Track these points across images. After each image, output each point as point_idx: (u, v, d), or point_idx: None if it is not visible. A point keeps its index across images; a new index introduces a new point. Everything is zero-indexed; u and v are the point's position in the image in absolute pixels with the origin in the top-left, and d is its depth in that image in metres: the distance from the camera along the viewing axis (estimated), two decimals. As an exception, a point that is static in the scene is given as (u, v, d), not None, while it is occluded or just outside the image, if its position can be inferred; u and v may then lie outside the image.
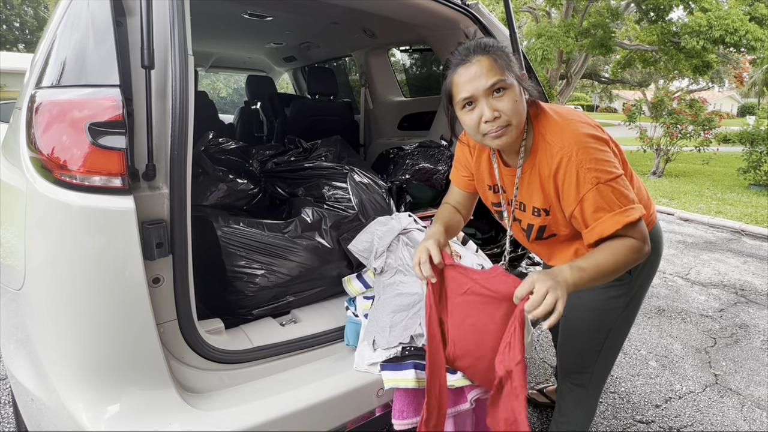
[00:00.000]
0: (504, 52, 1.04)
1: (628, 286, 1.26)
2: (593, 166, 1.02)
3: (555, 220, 1.16)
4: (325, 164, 1.79)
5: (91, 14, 0.95)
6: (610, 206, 1.02)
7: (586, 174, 1.02)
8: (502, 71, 1.01)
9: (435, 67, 3.54)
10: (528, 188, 1.16)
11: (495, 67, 1.01)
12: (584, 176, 1.02)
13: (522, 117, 1.05)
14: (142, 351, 0.97)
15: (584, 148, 1.03)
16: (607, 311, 1.28)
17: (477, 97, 1.02)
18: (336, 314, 1.46)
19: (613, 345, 1.35)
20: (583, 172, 1.02)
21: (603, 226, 1.03)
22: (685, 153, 9.69)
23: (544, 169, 1.09)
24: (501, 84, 1.01)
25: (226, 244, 1.40)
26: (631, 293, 1.27)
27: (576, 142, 1.04)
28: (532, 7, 14.98)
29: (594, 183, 1.02)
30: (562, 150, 1.04)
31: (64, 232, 0.90)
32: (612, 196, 1.02)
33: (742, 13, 9.70)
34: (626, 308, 1.29)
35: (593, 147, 1.04)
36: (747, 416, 2.05)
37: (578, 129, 1.06)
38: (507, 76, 1.02)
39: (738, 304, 3.28)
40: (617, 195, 1.02)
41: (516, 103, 1.03)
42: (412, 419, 1.17)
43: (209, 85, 19.00)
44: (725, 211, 6.08)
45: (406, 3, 1.87)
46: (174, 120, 0.99)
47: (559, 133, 1.06)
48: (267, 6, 2.48)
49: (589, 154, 1.03)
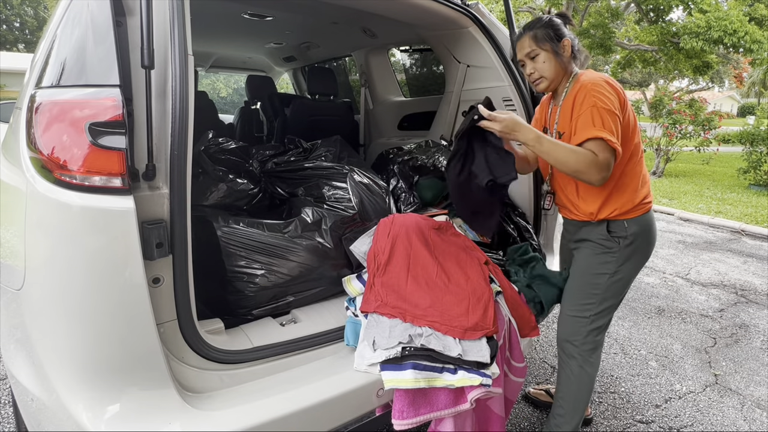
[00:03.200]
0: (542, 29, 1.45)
1: (617, 254, 1.49)
2: (596, 95, 1.34)
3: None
4: (325, 164, 1.79)
5: (91, 14, 0.95)
6: (593, 123, 1.31)
7: (589, 98, 1.34)
8: (535, 43, 1.45)
9: (435, 67, 3.54)
10: (562, 118, 1.49)
11: (530, 41, 1.46)
12: (587, 99, 1.35)
13: (552, 72, 1.46)
14: (142, 351, 0.97)
15: (597, 83, 1.36)
16: (596, 275, 1.52)
17: (523, 60, 1.50)
18: (336, 314, 1.46)
19: (600, 315, 1.54)
20: (589, 97, 1.35)
21: (581, 133, 1.33)
22: (685, 153, 9.70)
23: (569, 100, 1.44)
24: (533, 52, 1.46)
25: (226, 244, 1.40)
26: (619, 262, 1.49)
27: (594, 81, 1.38)
28: (532, 7, 14.97)
29: (591, 105, 1.33)
30: (584, 85, 1.39)
31: (64, 232, 0.90)
32: (599, 117, 1.31)
33: (741, 14, 9.69)
34: (613, 275, 1.50)
35: (603, 86, 1.36)
36: (747, 416, 2.05)
37: (600, 76, 1.41)
38: (539, 47, 1.45)
39: (738, 304, 3.28)
40: (603, 119, 1.31)
41: (544, 63, 1.46)
42: (412, 419, 1.17)
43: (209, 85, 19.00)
44: (725, 211, 6.08)
45: (406, 3, 1.87)
46: (174, 120, 0.99)
47: (588, 76, 1.42)
48: (267, 6, 2.48)
49: (598, 89, 1.35)
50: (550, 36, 1.45)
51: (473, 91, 2.31)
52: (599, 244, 1.50)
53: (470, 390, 1.21)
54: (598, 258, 1.50)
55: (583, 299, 1.53)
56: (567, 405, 1.60)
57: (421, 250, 1.47)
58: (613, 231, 1.47)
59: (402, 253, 1.45)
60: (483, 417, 1.41)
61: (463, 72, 2.32)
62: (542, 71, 1.47)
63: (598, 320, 1.53)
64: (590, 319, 1.53)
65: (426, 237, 1.53)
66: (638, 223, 1.47)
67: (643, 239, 1.49)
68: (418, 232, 1.52)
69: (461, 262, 1.49)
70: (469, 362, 1.23)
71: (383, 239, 1.48)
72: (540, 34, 1.45)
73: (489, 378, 1.23)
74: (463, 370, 1.22)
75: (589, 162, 1.29)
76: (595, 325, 1.54)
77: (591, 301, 1.52)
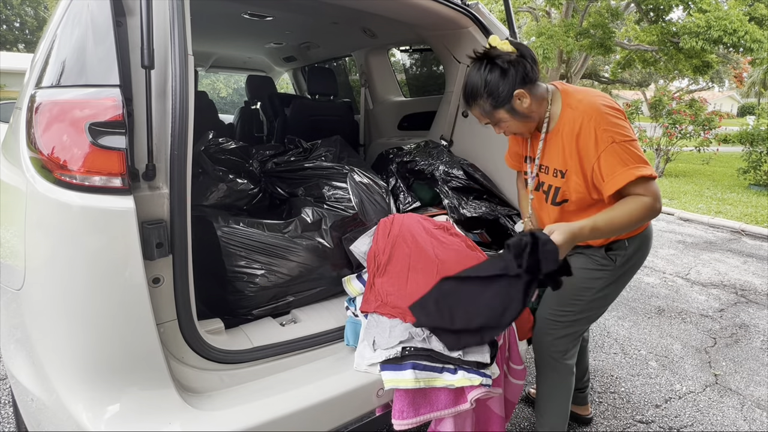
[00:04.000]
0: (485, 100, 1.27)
1: (610, 273, 1.40)
2: (609, 128, 1.19)
3: (568, 183, 1.31)
4: (325, 164, 1.79)
5: (91, 14, 0.95)
6: (624, 162, 1.17)
7: (603, 134, 1.19)
8: (486, 116, 1.31)
9: (435, 67, 3.54)
10: (550, 151, 1.34)
11: (481, 116, 1.33)
12: (601, 136, 1.19)
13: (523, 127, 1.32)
14: (142, 351, 0.97)
15: (602, 113, 1.20)
16: (583, 288, 1.42)
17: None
18: (336, 314, 1.46)
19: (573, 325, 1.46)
20: (601, 132, 1.19)
21: (618, 178, 1.18)
22: (685, 153, 9.70)
23: (566, 132, 1.26)
24: (493, 122, 1.33)
25: (226, 244, 1.40)
26: (609, 281, 1.41)
27: (595, 110, 1.21)
28: (532, 7, 14.98)
29: (609, 142, 1.18)
30: (584, 114, 1.22)
31: (65, 232, 0.90)
32: (626, 154, 1.17)
33: (741, 14, 9.69)
34: (599, 292, 1.41)
35: (610, 114, 1.21)
36: (747, 416, 2.05)
37: (598, 101, 1.24)
38: (492, 116, 1.30)
39: (738, 304, 3.28)
40: (630, 154, 1.18)
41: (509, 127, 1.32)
42: (412, 419, 1.17)
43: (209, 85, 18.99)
44: (725, 211, 6.08)
45: (406, 3, 1.87)
46: (174, 120, 0.99)
47: (583, 102, 1.25)
48: (267, 6, 2.48)
49: (606, 119, 1.20)
50: (498, 103, 1.26)
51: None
52: (593, 260, 1.40)
53: (470, 390, 1.21)
54: (589, 273, 1.40)
55: (562, 306, 1.45)
56: (542, 403, 1.58)
57: (421, 250, 1.47)
58: (612, 249, 1.38)
59: (402, 253, 1.45)
60: (483, 417, 1.40)
61: (463, 72, 2.31)
62: (512, 131, 1.35)
63: (571, 328, 1.47)
64: (564, 325, 1.46)
65: (426, 237, 1.53)
66: (638, 239, 1.39)
67: (640, 255, 1.42)
68: (418, 232, 1.52)
69: (461, 262, 1.49)
70: (469, 362, 1.23)
71: (383, 239, 1.48)
72: (487, 106, 1.28)
73: (489, 378, 1.23)
74: (463, 370, 1.22)
75: (649, 209, 1.16)
76: (567, 332, 1.47)
77: (569, 309, 1.44)
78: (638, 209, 1.16)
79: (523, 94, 1.23)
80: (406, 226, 1.52)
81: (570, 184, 1.30)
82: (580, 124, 1.22)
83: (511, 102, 1.25)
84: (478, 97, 1.27)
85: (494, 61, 1.23)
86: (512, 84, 1.23)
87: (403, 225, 1.52)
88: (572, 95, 1.28)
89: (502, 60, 1.22)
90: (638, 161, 1.17)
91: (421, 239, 1.50)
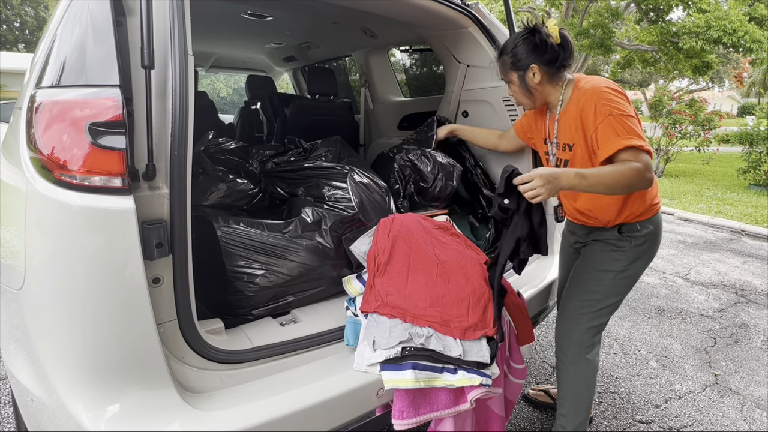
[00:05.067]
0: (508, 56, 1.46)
1: (627, 253, 1.48)
2: (607, 103, 1.31)
3: (575, 156, 1.44)
4: (325, 164, 1.79)
5: (90, 14, 0.95)
6: (618, 133, 1.28)
7: (602, 108, 1.31)
8: (503, 72, 1.52)
9: (435, 67, 3.54)
10: (562, 129, 1.48)
11: (500, 68, 1.52)
12: (600, 109, 1.31)
13: (525, 98, 1.50)
14: (142, 351, 0.97)
15: (602, 91, 1.34)
16: (602, 271, 1.51)
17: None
18: (336, 314, 1.46)
19: (601, 312, 1.53)
20: (600, 106, 1.32)
21: (609, 145, 1.29)
22: (685, 153, 9.70)
23: (573, 110, 1.41)
24: (504, 80, 1.53)
25: (226, 244, 1.40)
26: (628, 261, 1.48)
27: (598, 90, 1.35)
28: (532, 7, 14.98)
29: (606, 114, 1.30)
30: (586, 94, 1.36)
31: (64, 232, 0.90)
32: (620, 126, 1.28)
33: (741, 14, 9.69)
34: (620, 273, 1.49)
35: (611, 94, 1.33)
36: (747, 416, 2.05)
37: (602, 83, 1.38)
38: (506, 77, 1.51)
39: (738, 304, 3.28)
40: (625, 126, 1.28)
41: (515, 92, 1.52)
42: (412, 419, 1.17)
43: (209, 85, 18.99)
44: (725, 211, 6.08)
45: (406, 3, 1.87)
46: (174, 120, 0.99)
47: (589, 83, 1.40)
48: (267, 6, 2.48)
49: (605, 96, 1.32)
50: (514, 65, 1.45)
51: (473, 91, 2.31)
52: (610, 243, 1.50)
53: (470, 390, 1.21)
54: (607, 255, 1.50)
55: (586, 295, 1.53)
56: (568, 404, 1.60)
57: (421, 250, 1.47)
58: (625, 232, 1.47)
59: (402, 253, 1.45)
60: (483, 417, 1.41)
61: (463, 72, 2.32)
62: (516, 97, 1.52)
63: (597, 318, 1.53)
64: (590, 316, 1.52)
65: (426, 237, 1.53)
66: (650, 223, 1.47)
67: (653, 239, 1.49)
68: (418, 232, 1.52)
69: (461, 262, 1.49)
70: (469, 362, 1.23)
71: (383, 239, 1.48)
72: (507, 62, 1.47)
73: (489, 378, 1.23)
74: (463, 370, 1.22)
75: (637, 173, 1.24)
76: (594, 323, 1.53)
77: (594, 297, 1.52)
78: (627, 171, 1.24)
79: (537, 70, 1.42)
80: (406, 226, 1.52)
81: (576, 157, 1.44)
82: (584, 101, 1.36)
83: (526, 71, 1.43)
84: (505, 52, 1.47)
85: (534, 34, 1.41)
86: (534, 58, 1.41)
87: (403, 225, 1.52)
88: (582, 80, 1.43)
89: (540, 37, 1.40)
90: (631, 133, 1.27)
91: (421, 239, 1.50)
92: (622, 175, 1.24)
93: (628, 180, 1.25)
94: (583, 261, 1.59)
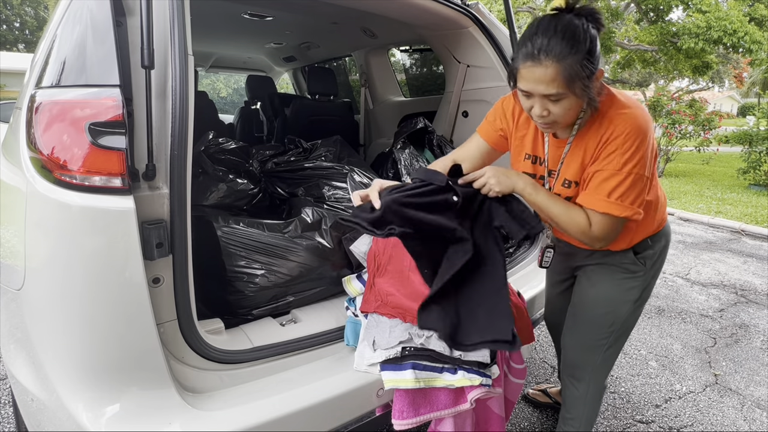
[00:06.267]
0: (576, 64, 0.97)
1: (643, 278, 1.32)
2: (628, 155, 1.06)
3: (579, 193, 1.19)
4: (325, 164, 1.79)
5: (90, 14, 0.95)
6: (610, 192, 1.08)
7: (618, 157, 1.07)
8: (564, 84, 0.99)
9: (435, 67, 3.54)
10: (571, 159, 1.18)
11: (559, 78, 0.98)
12: (616, 158, 1.07)
13: (572, 117, 1.09)
14: (142, 351, 0.97)
15: (633, 136, 1.05)
16: (620, 303, 1.33)
17: (534, 94, 1.04)
18: (336, 314, 1.46)
19: (617, 342, 1.40)
20: (618, 154, 1.06)
21: (590, 198, 1.12)
22: (685, 153, 9.70)
23: (592, 141, 1.12)
24: (559, 96, 1.01)
25: (226, 244, 1.40)
26: (644, 285, 1.33)
27: (632, 128, 1.06)
28: (531, 7, 14.98)
29: (617, 168, 1.07)
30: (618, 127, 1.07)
31: (64, 232, 0.90)
32: (618, 186, 1.08)
33: (741, 15, 9.69)
34: (637, 301, 1.34)
35: (641, 140, 1.06)
36: (747, 416, 2.05)
37: (638, 116, 1.08)
38: (568, 89, 0.99)
39: (738, 304, 3.28)
40: (623, 188, 1.08)
41: (568, 111, 1.05)
42: (412, 419, 1.17)
43: (209, 85, 19.00)
44: (725, 211, 6.08)
45: (406, 3, 1.87)
46: (174, 120, 0.99)
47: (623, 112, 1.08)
48: (267, 6, 2.48)
49: (633, 143, 1.05)
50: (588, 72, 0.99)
51: (473, 91, 2.31)
52: (623, 268, 1.31)
53: (470, 390, 1.21)
54: (623, 284, 1.31)
55: (603, 329, 1.36)
56: (577, 423, 1.52)
57: None
58: (639, 252, 1.30)
59: (402, 253, 1.45)
60: (483, 417, 1.40)
61: (463, 72, 2.32)
62: (559, 116, 1.05)
63: (614, 345, 1.40)
64: (606, 346, 1.38)
65: None
66: (661, 236, 1.35)
67: (663, 253, 1.37)
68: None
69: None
70: (469, 362, 1.23)
71: (383, 239, 1.48)
72: (574, 68, 0.97)
73: (489, 378, 1.23)
74: (463, 370, 1.22)
75: (580, 231, 1.13)
76: (610, 352, 1.40)
77: (611, 329, 1.36)
78: (575, 223, 1.13)
79: (602, 74, 1.04)
80: None
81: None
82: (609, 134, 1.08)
83: (593, 77, 1.00)
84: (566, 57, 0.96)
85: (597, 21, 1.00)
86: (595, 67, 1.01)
87: None
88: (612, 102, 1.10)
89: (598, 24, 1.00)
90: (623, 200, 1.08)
91: None
92: (568, 219, 1.13)
93: (569, 229, 1.14)
94: (593, 290, 1.37)
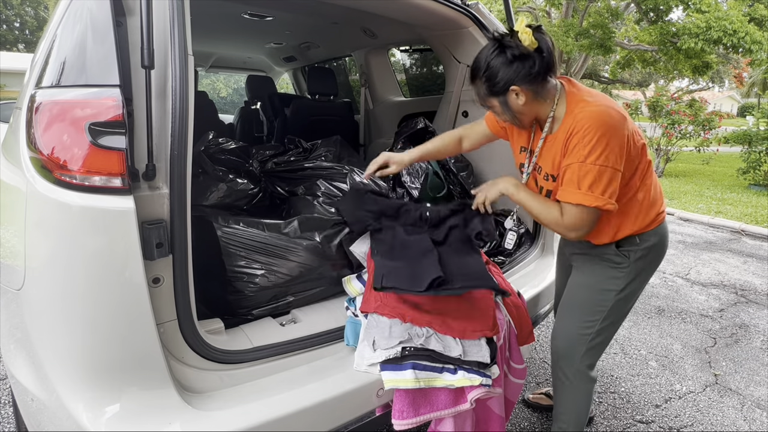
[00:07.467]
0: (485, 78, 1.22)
1: (626, 270, 1.37)
2: (589, 147, 1.14)
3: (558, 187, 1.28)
4: (325, 164, 1.79)
5: (90, 14, 0.95)
6: (579, 183, 1.17)
7: (581, 150, 1.16)
8: (484, 98, 1.28)
9: (435, 67, 3.54)
10: (546, 154, 1.31)
11: (478, 95, 1.29)
12: (578, 151, 1.16)
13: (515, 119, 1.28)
14: (142, 351, 0.97)
15: (593, 129, 1.14)
16: (601, 291, 1.40)
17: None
18: (336, 314, 1.46)
19: (600, 334, 1.44)
20: (580, 146, 1.16)
21: (562, 192, 1.22)
22: (685, 153, 9.70)
23: (561, 136, 1.23)
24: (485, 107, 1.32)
25: (226, 244, 1.40)
26: (628, 279, 1.38)
27: (592, 121, 1.15)
28: (531, 7, 14.98)
29: (580, 159, 1.16)
30: (579, 122, 1.17)
31: (64, 232, 0.90)
32: (585, 177, 1.15)
33: (741, 15, 9.69)
34: (620, 293, 1.39)
35: (602, 133, 1.14)
36: (747, 416, 2.05)
37: (602, 112, 1.16)
38: (484, 100, 1.28)
39: (738, 304, 3.28)
40: (590, 178, 1.15)
41: (499, 116, 1.31)
42: (412, 419, 1.17)
43: (209, 85, 18.99)
44: (725, 211, 6.08)
45: (406, 3, 1.87)
46: (174, 120, 0.99)
47: (586, 108, 1.18)
48: (267, 6, 2.48)
49: (594, 136, 1.14)
50: (491, 90, 1.23)
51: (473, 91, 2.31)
52: (608, 260, 1.38)
53: (470, 390, 1.21)
54: (606, 273, 1.39)
55: (586, 316, 1.43)
56: (567, 418, 1.56)
57: None
58: (623, 246, 1.36)
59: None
60: (483, 417, 1.40)
61: (463, 72, 2.32)
62: (507, 119, 1.30)
63: (598, 337, 1.44)
64: (590, 337, 1.43)
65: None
66: (652, 235, 1.36)
67: (656, 252, 1.39)
68: None
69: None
70: (469, 362, 1.23)
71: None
72: (482, 88, 1.25)
73: (489, 378, 1.23)
74: (463, 370, 1.22)
75: (554, 222, 1.25)
76: (594, 343, 1.45)
77: (594, 318, 1.42)
78: (551, 215, 1.25)
79: (520, 91, 1.19)
80: None
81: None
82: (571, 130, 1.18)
83: (506, 95, 1.21)
84: (476, 77, 1.26)
85: (504, 48, 1.18)
86: (512, 78, 1.18)
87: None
88: (578, 99, 1.22)
89: (512, 51, 1.16)
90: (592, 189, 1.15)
91: None
92: (545, 214, 1.27)
93: (547, 222, 1.28)
94: (578, 278, 1.48)
